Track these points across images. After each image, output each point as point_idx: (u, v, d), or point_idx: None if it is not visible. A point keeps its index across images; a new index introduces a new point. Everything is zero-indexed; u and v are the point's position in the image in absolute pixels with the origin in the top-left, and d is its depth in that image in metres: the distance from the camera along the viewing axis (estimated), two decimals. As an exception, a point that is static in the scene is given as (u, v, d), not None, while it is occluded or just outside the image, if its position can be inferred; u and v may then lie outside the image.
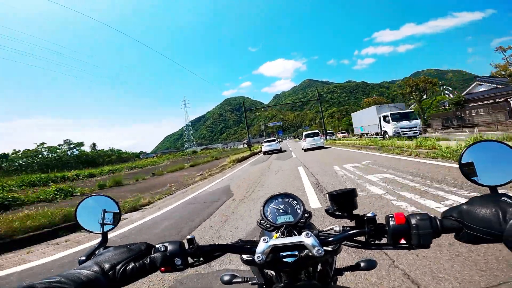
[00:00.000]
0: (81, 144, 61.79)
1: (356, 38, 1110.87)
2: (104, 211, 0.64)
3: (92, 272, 0.45)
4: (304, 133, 21.94)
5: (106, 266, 0.48)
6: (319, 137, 21.18)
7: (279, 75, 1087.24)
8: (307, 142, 20.45)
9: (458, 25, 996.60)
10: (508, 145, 0.49)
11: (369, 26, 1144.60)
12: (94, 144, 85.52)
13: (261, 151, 25.83)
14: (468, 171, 0.50)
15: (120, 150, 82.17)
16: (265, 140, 25.39)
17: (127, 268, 0.49)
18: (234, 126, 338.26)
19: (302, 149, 21.53)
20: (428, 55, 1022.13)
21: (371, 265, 0.68)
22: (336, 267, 0.71)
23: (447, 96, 40.89)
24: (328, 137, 36.12)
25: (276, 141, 23.68)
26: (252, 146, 35.63)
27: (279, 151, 22.57)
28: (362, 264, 0.69)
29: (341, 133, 48.55)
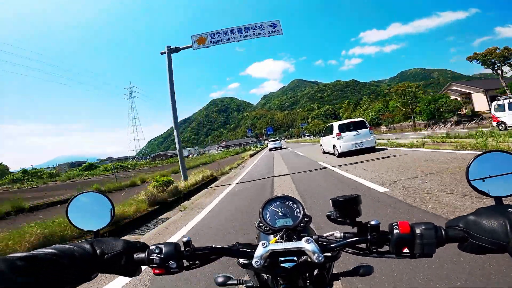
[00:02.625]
0: None
1: (343, 38, 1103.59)
2: (97, 208, 0.62)
3: (85, 251, 0.47)
4: (336, 124, 11.62)
5: (99, 250, 0.49)
6: (368, 129, 10.97)
7: (267, 76, 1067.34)
8: (346, 140, 10.62)
9: (442, 25, 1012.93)
10: None
11: (356, 25, 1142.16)
12: None
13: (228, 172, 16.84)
14: (475, 181, 0.51)
15: None
16: (270, 140, 33.52)
17: (118, 260, 0.49)
18: (220, 128, 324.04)
19: (325, 153, 13.12)
20: (413, 54, 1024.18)
21: (368, 271, 0.67)
22: (332, 272, 0.70)
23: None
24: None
25: (279, 141, 32.83)
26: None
27: (281, 148, 28.58)
28: (358, 270, 0.67)
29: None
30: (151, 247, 0.52)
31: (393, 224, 0.49)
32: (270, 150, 28.13)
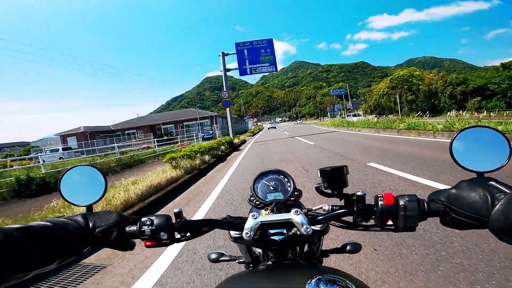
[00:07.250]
0: None
1: (350, 20, 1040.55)
2: (90, 182, 0.61)
3: (79, 225, 0.47)
4: None
5: (91, 224, 0.49)
6: None
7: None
8: None
9: (460, 14, 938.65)
10: (498, 131, 0.49)
11: (367, 8, 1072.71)
12: None
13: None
14: (458, 155, 0.50)
15: None
16: (269, 122, 70.13)
17: (110, 232, 0.49)
18: (212, 107, 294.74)
19: None
20: (422, 42, 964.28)
21: (356, 248, 0.68)
22: (322, 249, 0.72)
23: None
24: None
25: (274, 123, 62.86)
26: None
27: (274, 128, 41.99)
28: (347, 247, 0.69)
29: None
30: (142, 219, 0.51)
31: (378, 196, 0.49)
32: (268, 128, 42.60)
